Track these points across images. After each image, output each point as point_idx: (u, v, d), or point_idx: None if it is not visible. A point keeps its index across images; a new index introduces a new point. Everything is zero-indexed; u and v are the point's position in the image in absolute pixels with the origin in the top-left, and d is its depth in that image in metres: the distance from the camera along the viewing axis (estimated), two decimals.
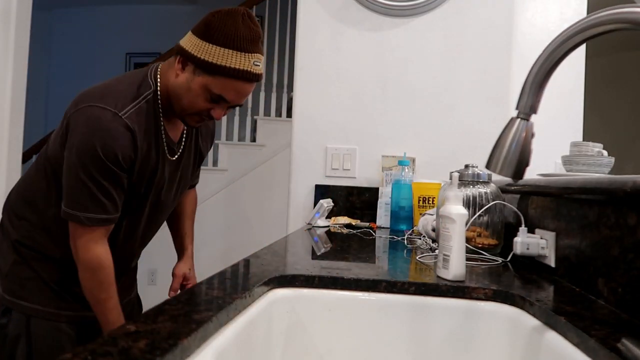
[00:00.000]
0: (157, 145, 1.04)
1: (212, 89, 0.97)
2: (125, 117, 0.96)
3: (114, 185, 0.97)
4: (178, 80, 1.00)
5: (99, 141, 0.93)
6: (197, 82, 0.97)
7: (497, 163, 0.60)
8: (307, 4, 1.85)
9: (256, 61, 0.98)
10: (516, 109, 0.59)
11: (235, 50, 0.95)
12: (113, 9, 4.85)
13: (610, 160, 1.36)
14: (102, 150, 0.93)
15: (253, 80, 0.99)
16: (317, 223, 1.55)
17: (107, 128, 0.94)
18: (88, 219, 0.97)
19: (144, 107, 1.00)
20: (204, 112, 1.01)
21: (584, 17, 0.53)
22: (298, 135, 1.85)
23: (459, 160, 1.70)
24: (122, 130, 0.95)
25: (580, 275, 0.72)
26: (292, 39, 2.56)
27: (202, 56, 0.95)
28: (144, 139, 1.00)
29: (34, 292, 1.04)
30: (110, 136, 0.94)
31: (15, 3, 2.14)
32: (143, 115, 0.99)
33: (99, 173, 0.95)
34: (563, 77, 1.81)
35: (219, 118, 1.03)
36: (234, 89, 0.98)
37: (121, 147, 0.95)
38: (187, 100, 0.99)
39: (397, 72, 1.81)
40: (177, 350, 0.41)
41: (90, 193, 0.96)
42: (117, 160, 0.95)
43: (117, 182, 0.98)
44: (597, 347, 0.46)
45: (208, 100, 0.99)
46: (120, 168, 0.97)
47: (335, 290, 0.71)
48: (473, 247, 0.98)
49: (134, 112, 0.97)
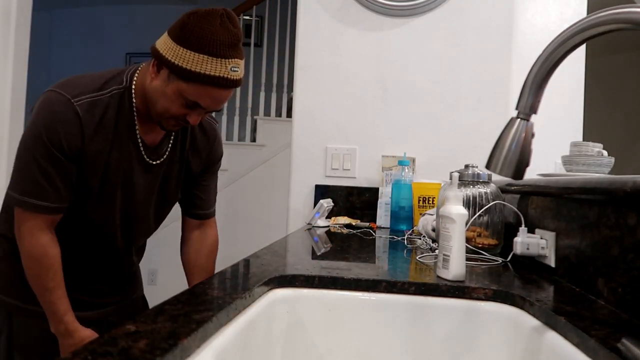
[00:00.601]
0: (124, 144, 1.00)
1: (187, 95, 0.93)
2: (77, 104, 0.93)
3: (58, 172, 0.94)
4: (153, 84, 0.96)
5: (45, 124, 0.92)
6: (172, 88, 0.93)
7: (497, 163, 0.60)
8: (307, 4, 1.85)
9: (234, 66, 0.93)
10: (516, 109, 0.59)
11: (211, 57, 0.90)
12: (113, 9, 4.85)
13: (610, 160, 1.36)
14: (47, 134, 0.91)
15: (230, 86, 0.95)
16: (317, 223, 1.55)
17: (55, 111, 0.92)
18: (26, 203, 0.94)
19: (105, 100, 0.96)
20: (179, 117, 0.97)
21: (584, 17, 0.53)
22: (298, 135, 1.85)
23: (459, 160, 1.71)
24: (70, 116, 0.92)
25: (580, 275, 0.72)
26: (292, 39, 2.57)
27: (176, 61, 0.91)
28: (98, 131, 0.96)
29: (15, 288, 1.03)
30: (57, 120, 0.92)
31: (15, 3, 2.14)
32: (101, 107, 0.96)
33: (42, 157, 0.92)
34: (563, 77, 1.81)
35: (195, 123, 0.99)
36: (210, 95, 0.94)
37: (66, 133, 0.92)
38: (161, 105, 0.96)
39: (397, 72, 1.81)
40: (177, 350, 0.41)
41: (32, 177, 0.93)
42: (61, 146, 0.92)
43: (62, 170, 0.94)
44: (597, 347, 0.46)
45: (183, 106, 0.95)
46: (65, 155, 0.93)
47: (335, 290, 0.71)
48: (473, 247, 0.98)
49: (87, 101, 0.94)
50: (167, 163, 1.09)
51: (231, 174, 3.46)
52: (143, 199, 1.08)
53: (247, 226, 3.39)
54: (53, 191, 0.95)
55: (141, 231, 1.15)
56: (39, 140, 0.92)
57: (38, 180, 0.93)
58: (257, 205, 3.41)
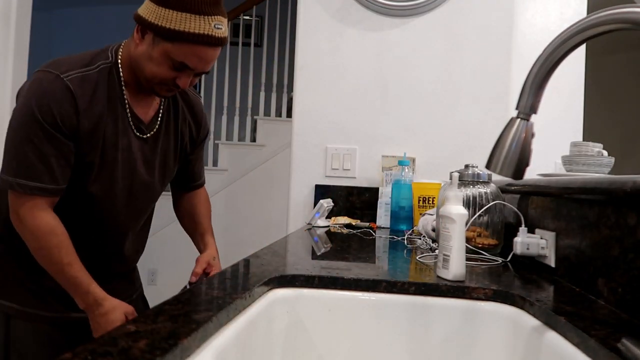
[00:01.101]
0: (116, 117, 0.99)
1: (174, 56, 0.93)
2: (68, 79, 0.92)
3: (53, 152, 0.92)
4: (138, 50, 0.96)
5: (37, 102, 0.90)
6: (158, 51, 0.93)
7: (497, 163, 0.60)
8: (307, 4, 1.85)
9: (217, 24, 0.94)
10: (516, 109, 0.59)
11: (194, 14, 0.91)
12: (113, 9, 4.85)
13: (610, 160, 1.36)
14: (40, 111, 0.90)
15: (216, 44, 0.95)
16: (317, 223, 1.55)
17: (46, 89, 0.91)
18: (20, 185, 0.91)
19: (94, 76, 0.96)
20: (169, 81, 0.97)
21: (584, 17, 0.53)
22: (298, 135, 1.85)
23: (459, 160, 1.70)
24: (62, 92, 0.91)
25: (580, 275, 0.72)
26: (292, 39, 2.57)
27: (159, 22, 0.91)
28: (92, 106, 0.95)
29: (13, 290, 1.01)
30: (48, 97, 0.91)
31: (15, 3, 2.14)
32: (92, 82, 0.96)
33: (36, 137, 0.90)
34: (563, 77, 1.81)
35: (185, 86, 0.99)
36: (196, 54, 0.94)
37: (59, 108, 0.91)
38: (149, 70, 0.95)
39: (397, 72, 1.81)
40: (177, 350, 0.41)
41: (26, 158, 0.91)
42: (55, 122, 0.91)
43: (58, 149, 0.92)
44: (597, 347, 0.46)
45: (171, 69, 0.95)
46: (61, 133, 0.92)
47: (335, 290, 0.71)
48: (473, 247, 0.98)
49: (78, 76, 0.94)
50: (162, 137, 1.09)
51: (231, 174, 3.46)
52: (144, 173, 1.07)
53: (247, 226, 3.40)
54: (48, 172, 0.92)
55: (142, 209, 1.14)
56: (32, 119, 0.90)
57: (32, 161, 0.91)
58: (257, 205, 3.42)
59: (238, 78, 3.68)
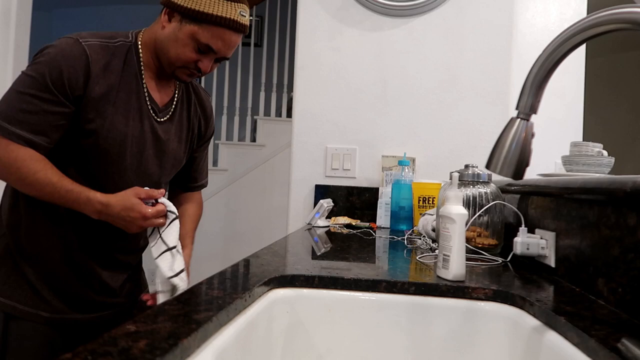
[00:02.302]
0: (130, 92, 1.00)
1: (200, 38, 0.97)
2: (86, 44, 0.94)
3: (49, 107, 0.92)
4: (165, 32, 0.99)
5: (50, 60, 0.92)
6: (184, 32, 0.97)
7: (497, 163, 0.60)
8: (307, 4, 1.85)
9: (242, 11, 0.99)
10: (516, 109, 0.59)
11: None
12: (113, 9, 4.85)
13: (610, 160, 1.36)
14: (50, 68, 0.91)
15: (240, 30, 0.99)
16: (317, 223, 1.55)
17: (62, 48, 0.93)
18: (6, 130, 0.90)
19: (112, 48, 0.99)
20: (191, 64, 1.00)
21: (584, 17, 0.53)
22: (298, 135, 1.85)
23: (459, 160, 1.71)
24: (78, 53, 0.93)
25: (580, 275, 0.72)
26: (292, 39, 2.57)
27: (189, 5, 0.96)
28: (106, 74, 0.97)
29: (13, 289, 1.00)
30: (63, 57, 0.92)
31: (15, 3, 2.14)
32: (109, 52, 0.98)
33: (38, 90, 0.91)
34: (563, 77, 1.82)
35: (207, 70, 1.02)
36: (221, 37, 0.98)
37: (69, 69, 0.92)
38: (174, 51, 0.99)
39: (397, 72, 1.81)
40: (177, 350, 0.41)
41: (15, 104, 0.91)
42: (61, 83, 0.91)
43: (53, 107, 0.92)
44: (597, 347, 0.46)
45: (195, 51, 0.99)
46: (63, 94, 0.92)
47: (335, 290, 0.71)
48: (473, 247, 0.98)
49: (97, 44, 0.96)
50: (175, 124, 1.10)
51: (231, 174, 3.46)
52: (152, 156, 1.06)
53: (247, 226, 3.40)
54: (34, 124, 0.92)
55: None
56: (40, 74, 0.91)
57: (21, 109, 0.91)
58: (257, 205, 3.42)
59: (238, 78, 3.68)
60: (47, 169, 0.93)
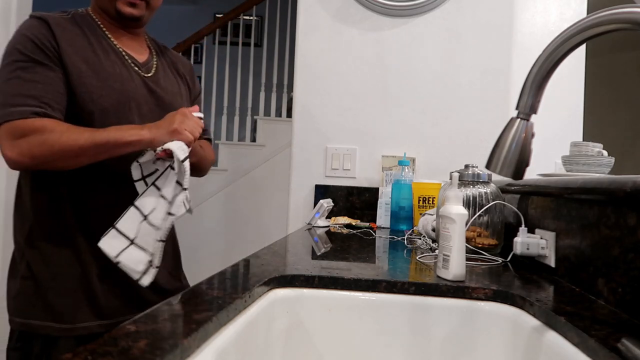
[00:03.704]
0: (106, 51, 1.01)
1: None
2: (41, 15, 0.97)
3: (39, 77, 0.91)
4: None
5: (14, 39, 0.94)
6: None
7: (497, 163, 0.60)
8: (307, 4, 1.85)
9: None
10: (516, 109, 0.59)
11: None
12: None
13: (610, 160, 1.36)
14: (17, 44, 0.93)
15: None
16: (317, 223, 1.55)
17: (21, 27, 0.96)
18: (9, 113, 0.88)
19: (68, 18, 1.01)
20: None
21: (584, 17, 0.53)
22: (298, 135, 1.85)
23: (459, 160, 1.71)
24: (36, 23, 0.95)
25: (580, 275, 0.72)
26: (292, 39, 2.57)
27: None
28: (71, 35, 0.97)
29: (46, 308, 0.95)
30: (24, 31, 0.95)
31: (15, 3, 2.14)
32: (67, 20, 1.00)
33: (20, 67, 0.91)
34: (563, 77, 1.81)
35: None
36: None
37: (34, 34, 0.93)
38: None
39: (397, 72, 1.81)
40: (177, 350, 0.41)
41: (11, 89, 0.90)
42: (33, 44, 0.92)
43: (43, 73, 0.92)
44: (597, 347, 0.46)
45: None
46: (44, 56, 0.92)
47: (335, 290, 0.71)
48: (473, 247, 0.98)
49: (52, 14, 0.98)
50: (162, 78, 1.12)
51: (231, 174, 3.46)
52: (153, 110, 1.06)
53: (247, 226, 3.40)
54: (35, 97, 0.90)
55: None
56: (13, 54, 0.92)
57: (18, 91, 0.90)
58: (257, 205, 3.42)
59: (238, 78, 3.68)
60: (71, 128, 0.91)
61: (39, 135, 0.88)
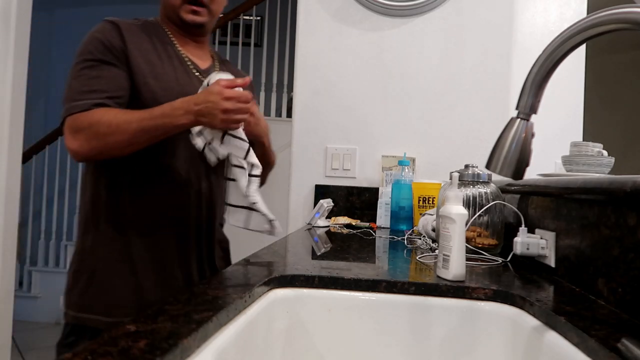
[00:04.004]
0: (170, 57, 1.08)
1: None
2: (113, 19, 1.04)
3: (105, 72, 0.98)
4: None
5: (87, 42, 1.01)
6: None
7: (497, 163, 0.60)
8: (307, 4, 1.85)
9: None
10: (516, 109, 0.59)
11: None
12: (113, 9, 4.85)
13: (610, 160, 1.36)
14: (88, 45, 1.00)
15: None
16: (317, 223, 1.55)
17: (93, 30, 1.02)
18: (75, 106, 0.95)
19: (139, 24, 1.08)
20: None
21: (584, 17, 0.53)
22: (298, 135, 1.85)
23: (459, 160, 1.71)
24: (108, 27, 1.02)
25: (580, 275, 0.72)
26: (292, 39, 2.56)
27: None
28: (140, 40, 1.04)
29: (101, 302, 0.98)
30: (95, 33, 1.01)
31: (15, 3, 2.14)
32: (137, 26, 1.07)
33: (88, 67, 0.97)
34: (563, 77, 1.81)
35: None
36: None
37: (104, 36, 1.00)
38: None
39: (397, 72, 1.81)
40: (177, 350, 0.41)
41: (78, 85, 0.96)
42: (103, 45, 0.99)
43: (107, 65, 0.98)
44: (597, 347, 0.46)
45: None
46: (112, 55, 0.99)
47: (335, 290, 0.71)
48: (473, 247, 0.98)
49: (123, 20, 1.05)
50: None
51: None
52: None
53: None
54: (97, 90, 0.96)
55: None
56: (83, 55, 0.99)
57: (79, 89, 0.96)
58: None
59: None
60: (119, 113, 0.95)
61: (94, 127, 0.93)
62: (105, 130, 0.92)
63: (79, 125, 0.94)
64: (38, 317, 3.66)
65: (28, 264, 3.82)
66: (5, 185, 2.11)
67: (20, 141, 2.21)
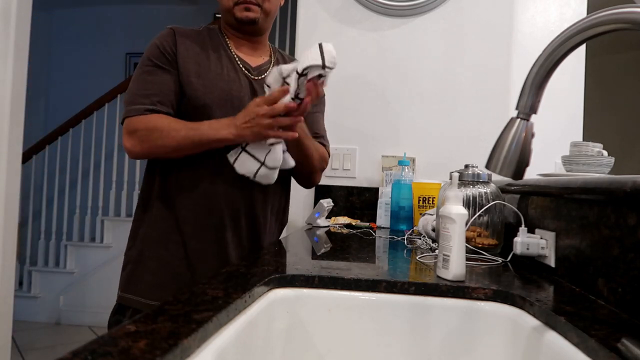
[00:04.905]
0: (219, 56, 1.15)
1: None
2: (173, 26, 1.14)
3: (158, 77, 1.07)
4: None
5: (149, 46, 1.11)
6: None
7: (497, 163, 0.60)
8: (307, 4, 1.85)
9: None
10: (516, 109, 0.59)
11: None
12: (113, 9, 4.85)
13: (610, 160, 1.36)
14: (149, 50, 1.10)
15: None
16: (317, 223, 1.55)
17: (157, 36, 1.13)
18: (132, 110, 1.05)
19: (196, 30, 1.17)
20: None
21: (584, 17, 0.53)
22: None
23: (459, 160, 1.70)
24: (166, 32, 1.13)
25: (580, 275, 0.72)
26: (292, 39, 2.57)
27: None
28: (192, 41, 1.13)
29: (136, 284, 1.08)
30: (157, 37, 1.12)
31: (15, 3, 2.14)
32: (195, 31, 1.16)
33: (146, 71, 1.08)
34: (563, 77, 1.82)
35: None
36: None
37: (161, 41, 1.10)
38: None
39: (397, 72, 1.81)
40: (177, 350, 0.41)
41: (135, 89, 1.07)
42: (159, 51, 1.09)
43: (161, 71, 1.08)
44: (597, 347, 0.46)
45: None
46: (165, 59, 1.09)
47: (335, 290, 0.71)
48: (473, 247, 0.98)
49: (184, 27, 1.15)
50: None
51: None
52: None
53: None
54: (152, 95, 1.06)
55: None
56: (144, 58, 1.10)
57: (137, 93, 1.07)
58: None
59: None
60: (172, 122, 1.06)
61: (147, 131, 1.05)
62: (157, 135, 1.04)
63: (134, 128, 1.05)
64: (38, 317, 3.66)
65: (28, 264, 3.82)
66: (5, 185, 2.11)
67: (20, 141, 2.21)
